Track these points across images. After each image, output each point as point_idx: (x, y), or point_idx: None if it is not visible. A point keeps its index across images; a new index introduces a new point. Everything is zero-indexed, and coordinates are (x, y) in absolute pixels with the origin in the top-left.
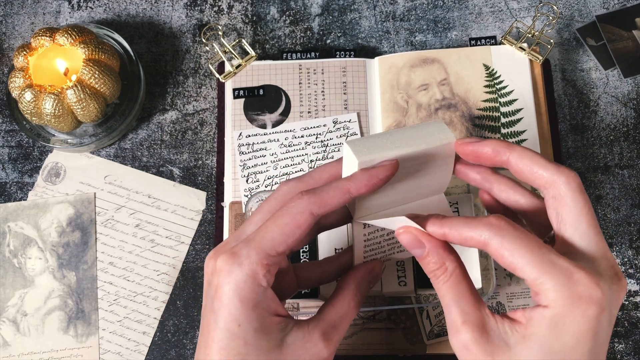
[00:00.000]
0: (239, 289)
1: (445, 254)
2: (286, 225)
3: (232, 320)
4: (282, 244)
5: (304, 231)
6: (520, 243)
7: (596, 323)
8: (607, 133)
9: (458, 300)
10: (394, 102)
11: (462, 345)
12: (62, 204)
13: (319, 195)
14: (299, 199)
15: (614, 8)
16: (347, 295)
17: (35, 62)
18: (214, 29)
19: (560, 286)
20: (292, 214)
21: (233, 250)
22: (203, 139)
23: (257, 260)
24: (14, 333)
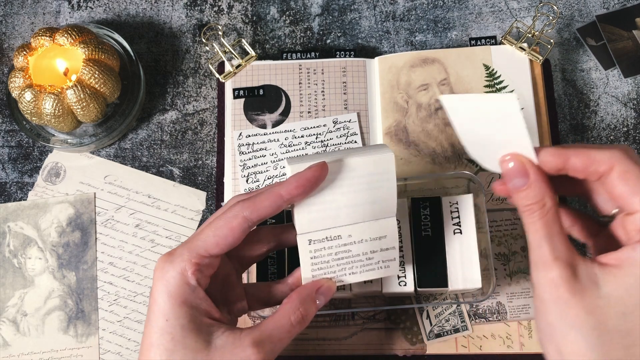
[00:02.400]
0: (168, 285)
1: (547, 189)
2: (219, 229)
3: (160, 316)
4: (214, 245)
5: (237, 234)
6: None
7: None
8: (607, 133)
9: (551, 237)
10: (394, 102)
11: (550, 281)
12: (62, 204)
13: (252, 200)
14: (234, 205)
15: (614, 8)
16: (288, 310)
17: (35, 62)
18: (214, 29)
19: None
20: (226, 218)
21: (172, 251)
22: (203, 139)
23: (188, 258)
24: (14, 333)
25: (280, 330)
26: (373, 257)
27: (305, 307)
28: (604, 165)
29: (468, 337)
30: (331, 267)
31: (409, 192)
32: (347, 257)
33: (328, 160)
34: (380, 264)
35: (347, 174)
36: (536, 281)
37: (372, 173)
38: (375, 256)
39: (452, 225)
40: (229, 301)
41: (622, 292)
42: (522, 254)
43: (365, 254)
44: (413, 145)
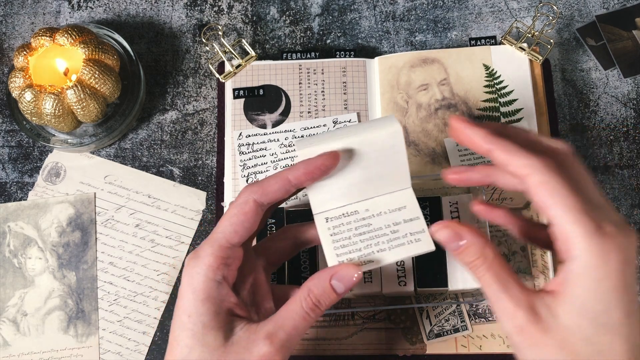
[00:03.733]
0: (193, 281)
1: (483, 243)
2: (234, 216)
3: (183, 311)
4: (233, 234)
5: (251, 219)
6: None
7: (625, 277)
8: (607, 133)
9: (505, 287)
10: (394, 102)
11: (519, 329)
12: (62, 204)
13: (260, 184)
14: (243, 192)
15: (614, 8)
16: (299, 297)
17: (36, 62)
18: (214, 29)
19: (591, 236)
20: (237, 205)
21: (196, 249)
22: (203, 139)
23: (211, 253)
24: (14, 333)
25: (293, 319)
26: (398, 229)
27: (316, 293)
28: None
29: (468, 337)
30: (355, 245)
31: None
32: (369, 231)
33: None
34: (409, 238)
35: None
36: (506, 331)
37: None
38: (401, 229)
39: None
40: (257, 301)
41: (576, 319)
42: (522, 253)
43: (389, 227)
44: (413, 145)
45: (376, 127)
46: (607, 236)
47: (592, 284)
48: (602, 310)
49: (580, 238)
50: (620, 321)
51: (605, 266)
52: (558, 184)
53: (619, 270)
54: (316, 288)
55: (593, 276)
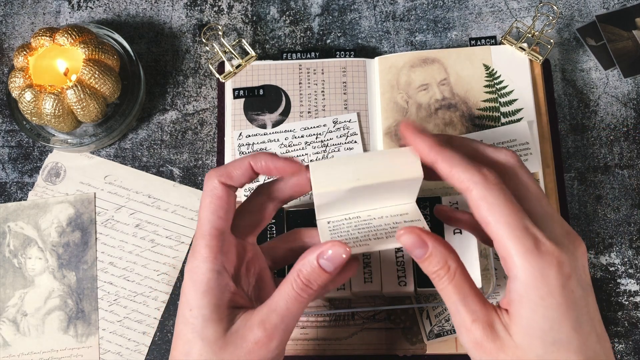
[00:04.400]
0: (193, 275)
1: (447, 253)
2: (210, 204)
3: (186, 306)
4: (217, 220)
5: (227, 200)
6: (503, 200)
7: (569, 292)
8: (607, 133)
9: (465, 300)
10: (394, 102)
11: (475, 343)
12: (62, 204)
13: (224, 168)
14: (207, 178)
15: (614, 8)
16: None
17: (36, 62)
18: (214, 29)
19: (529, 254)
20: (208, 192)
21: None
22: (203, 139)
23: (204, 244)
24: (14, 333)
25: (285, 301)
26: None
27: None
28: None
29: None
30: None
31: None
32: (368, 227)
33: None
34: None
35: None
36: (464, 343)
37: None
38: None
39: None
40: (262, 297)
41: (527, 338)
42: None
43: (388, 225)
44: None
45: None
46: (544, 254)
47: (535, 303)
48: (549, 328)
49: (518, 257)
50: (570, 336)
51: (545, 285)
52: (497, 199)
53: (560, 287)
54: (305, 268)
55: (534, 296)
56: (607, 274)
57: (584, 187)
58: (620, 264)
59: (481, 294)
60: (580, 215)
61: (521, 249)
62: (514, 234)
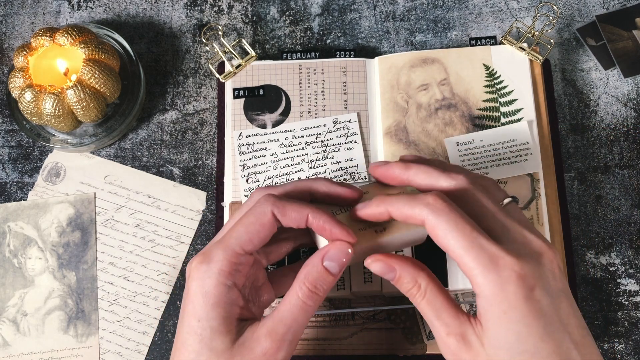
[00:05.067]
0: (204, 285)
1: (415, 272)
2: (251, 225)
3: (192, 315)
4: (247, 242)
5: (268, 230)
6: (454, 225)
7: (534, 302)
8: (607, 133)
9: (437, 314)
10: (394, 102)
11: (451, 354)
12: (62, 204)
13: (283, 203)
14: (264, 200)
15: (614, 8)
16: (295, 286)
17: (36, 62)
18: (214, 29)
19: (487, 271)
20: (256, 213)
21: (205, 251)
22: (203, 139)
23: (224, 257)
24: (14, 333)
25: (291, 312)
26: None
27: (311, 279)
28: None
29: None
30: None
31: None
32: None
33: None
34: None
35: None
36: (443, 355)
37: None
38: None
39: None
40: (257, 295)
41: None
42: None
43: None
44: (413, 145)
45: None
46: (502, 268)
47: (498, 317)
48: (514, 340)
49: (478, 275)
50: (538, 346)
51: (505, 299)
52: (447, 224)
53: (522, 299)
54: (310, 274)
55: (497, 310)
56: (607, 274)
57: (584, 187)
58: (620, 264)
59: (456, 306)
60: (580, 215)
61: (479, 267)
62: (471, 254)
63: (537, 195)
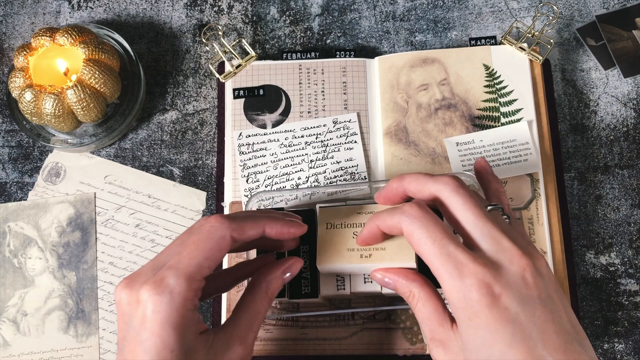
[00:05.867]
0: (172, 317)
1: (408, 282)
2: (209, 249)
3: (164, 348)
4: (206, 267)
5: (224, 253)
6: (426, 232)
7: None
8: (607, 133)
9: (426, 320)
10: (394, 102)
11: (434, 357)
12: (62, 204)
13: (239, 224)
14: (220, 223)
15: (614, 8)
16: (258, 295)
17: (36, 62)
18: (214, 29)
19: (452, 278)
20: (214, 237)
21: (157, 279)
22: (203, 139)
23: (187, 287)
24: (14, 333)
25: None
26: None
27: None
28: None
29: None
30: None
31: None
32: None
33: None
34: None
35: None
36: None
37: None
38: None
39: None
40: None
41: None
42: None
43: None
44: (413, 145)
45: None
46: (466, 276)
47: (465, 324)
48: (480, 346)
49: (444, 282)
50: (504, 352)
51: (469, 307)
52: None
53: (486, 306)
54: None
55: (463, 317)
56: (607, 274)
57: (584, 187)
58: (620, 264)
59: (442, 313)
60: (580, 215)
61: (445, 274)
62: (438, 262)
63: (537, 195)
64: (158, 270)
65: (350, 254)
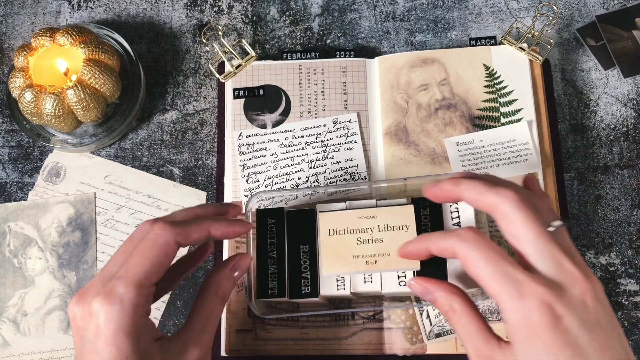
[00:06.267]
0: (124, 325)
1: (450, 296)
2: (156, 257)
3: (120, 355)
4: (154, 274)
5: (171, 259)
6: (482, 254)
7: (560, 332)
8: (607, 133)
9: (470, 337)
10: (394, 102)
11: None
12: (62, 204)
13: (183, 228)
14: (163, 230)
15: (614, 8)
16: (208, 296)
17: (36, 62)
18: (214, 29)
19: (511, 298)
20: (159, 245)
21: (107, 290)
22: (203, 139)
23: (137, 294)
24: (14, 333)
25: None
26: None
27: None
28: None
29: None
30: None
31: (408, 191)
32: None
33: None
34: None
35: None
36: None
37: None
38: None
39: (452, 225)
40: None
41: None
42: None
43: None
44: (413, 145)
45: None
46: (527, 296)
47: (523, 344)
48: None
49: (503, 302)
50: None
51: (528, 327)
52: (476, 255)
53: (547, 327)
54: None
55: (521, 337)
56: (607, 274)
57: (584, 187)
58: (620, 264)
59: (487, 330)
60: (580, 215)
61: (504, 294)
62: (497, 282)
63: None
64: (108, 281)
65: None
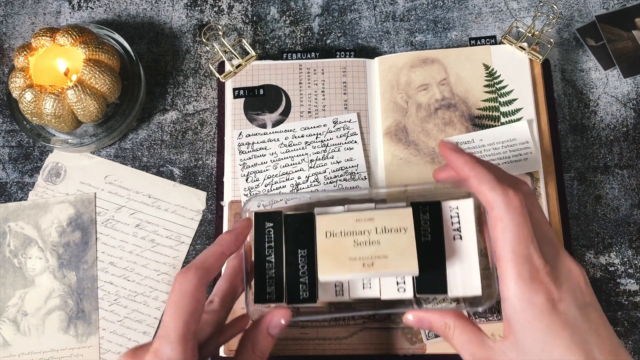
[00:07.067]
0: None
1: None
2: (188, 306)
3: None
4: (192, 323)
5: (203, 302)
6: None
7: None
8: (606, 133)
9: (465, 346)
10: (394, 102)
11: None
12: (62, 204)
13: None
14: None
15: (614, 8)
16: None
17: (36, 62)
18: (214, 29)
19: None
20: (187, 293)
21: (153, 351)
22: (203, 139)
23: (182, 350)
24: (14, 333)
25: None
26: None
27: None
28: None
29: None
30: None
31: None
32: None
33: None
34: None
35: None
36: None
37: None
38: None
39: (452, 230)
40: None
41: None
42: None
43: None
44: (413, 145)
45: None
46: (536, 282)
47: (523, 326)
48: (540, 350)
49: (512, 281)
50: (562, 355)
51: (531, 309)
52: (512, 223)
53: (548, 310)
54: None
55: (522, 319)
56: (607, 274)
57: (584, 187)
58: (620, 264)
59: (482, 337)
60: (580, 215)
61: (516, 275)
62: (515, 260)
63: (538, 194)
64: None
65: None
